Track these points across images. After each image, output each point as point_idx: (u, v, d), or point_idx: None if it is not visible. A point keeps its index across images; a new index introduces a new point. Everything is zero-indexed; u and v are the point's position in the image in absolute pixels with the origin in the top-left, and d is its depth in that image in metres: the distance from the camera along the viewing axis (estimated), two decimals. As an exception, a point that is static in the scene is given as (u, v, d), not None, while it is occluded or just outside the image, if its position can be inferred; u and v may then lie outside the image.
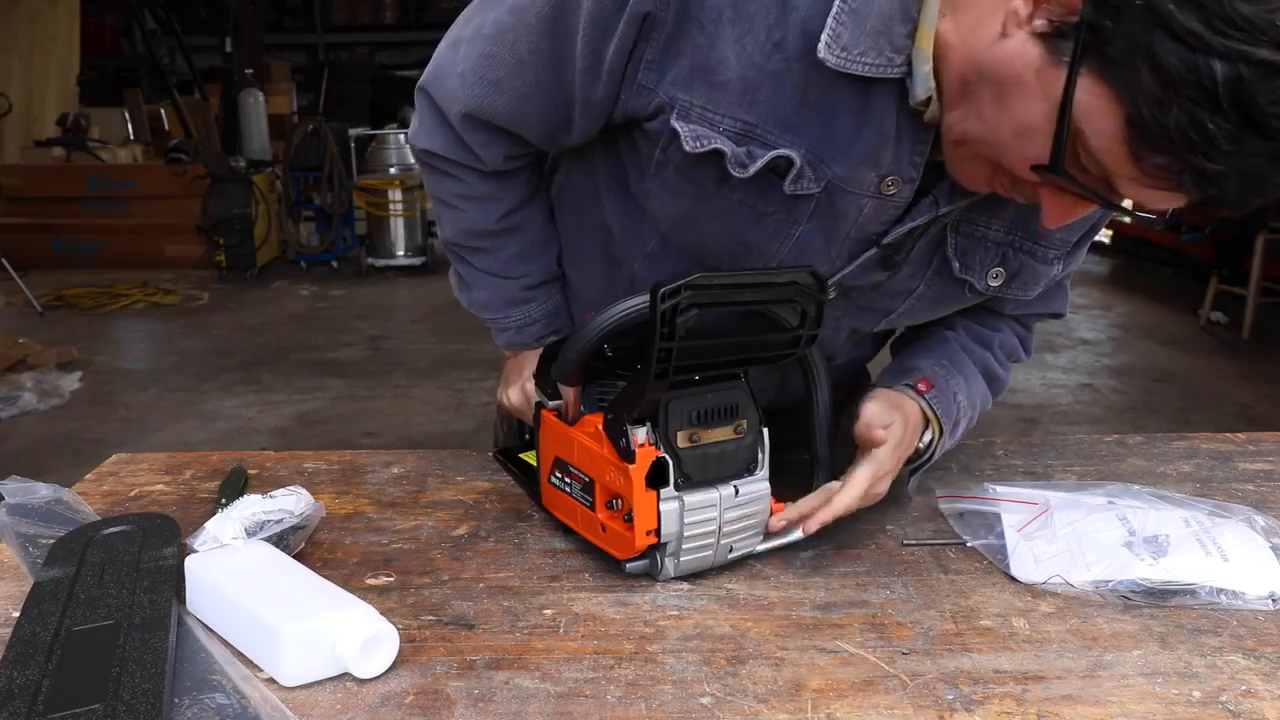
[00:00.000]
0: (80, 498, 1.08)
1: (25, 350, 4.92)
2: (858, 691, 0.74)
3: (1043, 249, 1.00)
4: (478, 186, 1.09)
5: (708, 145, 0.89)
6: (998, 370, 1.15)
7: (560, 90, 0.96)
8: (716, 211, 0.96)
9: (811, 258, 0.96)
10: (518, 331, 1.17)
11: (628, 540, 0.89)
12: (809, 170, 0.90)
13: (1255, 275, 5.31)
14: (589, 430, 0.93)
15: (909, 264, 0.99)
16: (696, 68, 0.88)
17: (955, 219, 0.96)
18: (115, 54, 12.32)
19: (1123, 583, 0.88)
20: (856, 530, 1.01)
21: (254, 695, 0.73)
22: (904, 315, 1.07)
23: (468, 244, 1.14)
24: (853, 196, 0.92)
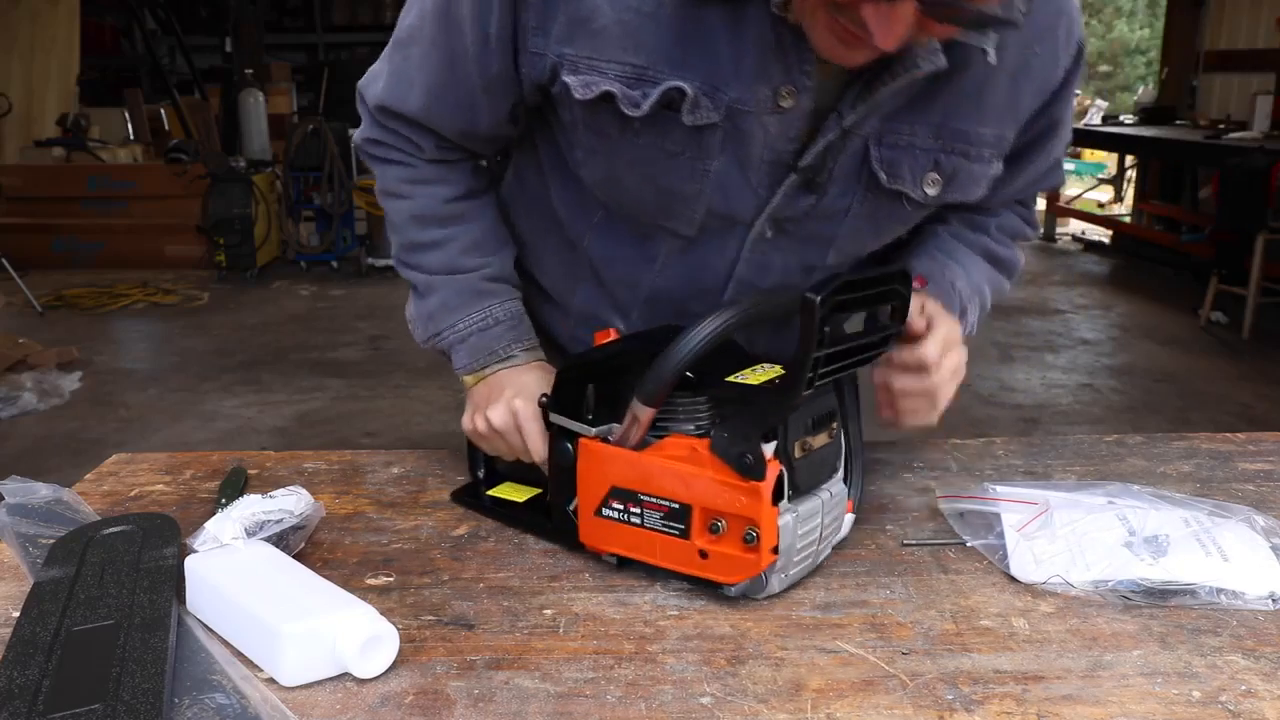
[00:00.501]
0: (80, 498, 1.08)
1: (25, 350, 4.92)
2: (858, 691, 0.74)
3: (975, 149, 1.00)
4: (423, 170, 1.11)
5: (597, 89, 0.93)
6: (1000, 251, 1.16)
7: (461, 80, 1.01)
8: (630, 160, 0.99)
9: (734, 193, 0.99)
10: (480, 336, 1.10)
11: (747, 562, 0.85)
12: (705, 100, 0.92)
13: (1255, 275, 5.31)
14: (679, 453, 0.87)
15: (836, 183, 1.00)
16: (573, 21, 0.92)
17: (878, 132, 0.97)
18: (115, 54, 12.30)
19: (1123, 583, 0.88)
20: (856, 530, 1.01)
21: (254, 695, 0.73)
22: (849, 240, 1.06)
23: (419, 238, 1.12)
24: (753, 116, 0.94)
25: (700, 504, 0.86)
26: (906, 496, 1.09)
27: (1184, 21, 8.13)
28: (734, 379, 0.89)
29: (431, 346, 1.14)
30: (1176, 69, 8.22)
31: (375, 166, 1.14)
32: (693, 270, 1.08)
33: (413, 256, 1.13)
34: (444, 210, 1.11)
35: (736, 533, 0.85)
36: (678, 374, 0.85)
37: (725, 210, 1.01)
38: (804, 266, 1.08)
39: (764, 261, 1.06)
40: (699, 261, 1.07)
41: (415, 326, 1.15)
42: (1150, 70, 14.81)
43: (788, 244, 1.05)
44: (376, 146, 1.12)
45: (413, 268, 1.13)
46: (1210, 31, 7.80)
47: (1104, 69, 17.90)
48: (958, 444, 1.24)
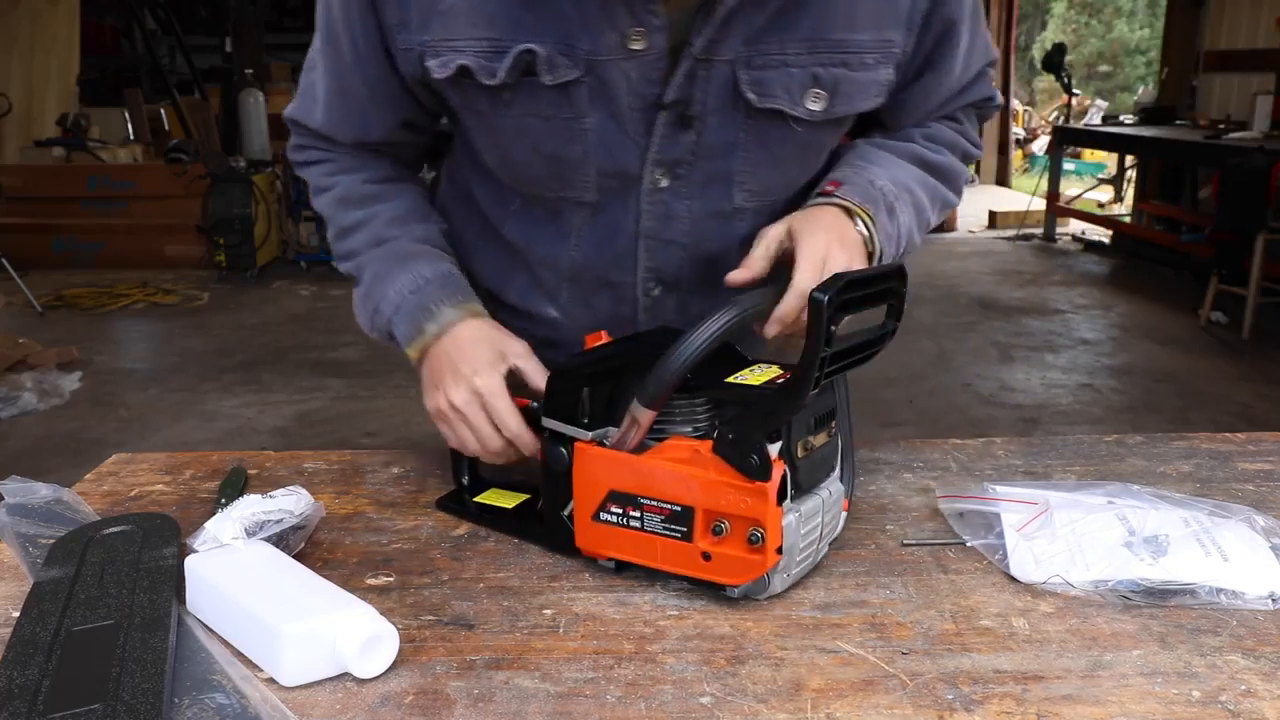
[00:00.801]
0: (80, 498, 1.08)
1: (25, 350, 4.92)
2: (857, 691, 0.74)
3: (855, 56, 0.99)
4: (342, 160, 1.14)
5: (452, 65, 0.96)
6: (930, 156, 1.14)
7: (349, 92, 1.07)
8: (511, 134, 1.01)
9: (616, 147, 1.00)
10: (413, 297, 1.06)
11: (752, 563, 0.84)
12: (560, 58, 0.94)
13: (1255, 275, 5.31)
14: (680, 455, 0.87)
15: (713, 115, 0.99)
16: (424, 8, 0.96)
17: (744, 55, 0.96)
18: (115, 54, 12.31)
19: (1122, 583, 0.88)
20: (856, 530, 1.01)
21: (254, 695, 0.73)
22: (750, 176, 1.05)
23: (345, 221, 1.13)
24: (611, 64, 0.95)
25: (703, 506, 0.86)
26: (906, 496, 1.09)
27: (1184, 21, 8.13)
28: (734, 380, 0.89)
29: (379, 331, 1.12)
30: (1176, 69, 8.22)
31: (303, 173, 1.18)
32: (604, 236, 1.08)
33: (343, 243, 1.14)
34: (365, 190, 1.14)
35: (740, 534, 0.85)
36: (680, 376, 0.85)
37: (613, 166, 1.02)
38: (712, 212, 1.07)
39: (666, 212, 1.06)
40: (608, 226, 1.07)
41: (360, 315, 1.14)
42: (1150, 70, 14.82)
43: (687, 190, 1.04)
44: (299, 152, 1.17)
45: (345, 256, 1.15)
46: (1210, 31, 7.80)
47: (1104, 69, 17.90)
48: (958, 444, 1.24)
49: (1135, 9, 18.04)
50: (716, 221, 1.08)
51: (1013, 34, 11.84)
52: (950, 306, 6.17)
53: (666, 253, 1.09)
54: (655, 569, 0.89)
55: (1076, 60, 16.59)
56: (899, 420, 4.22)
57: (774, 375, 0.89)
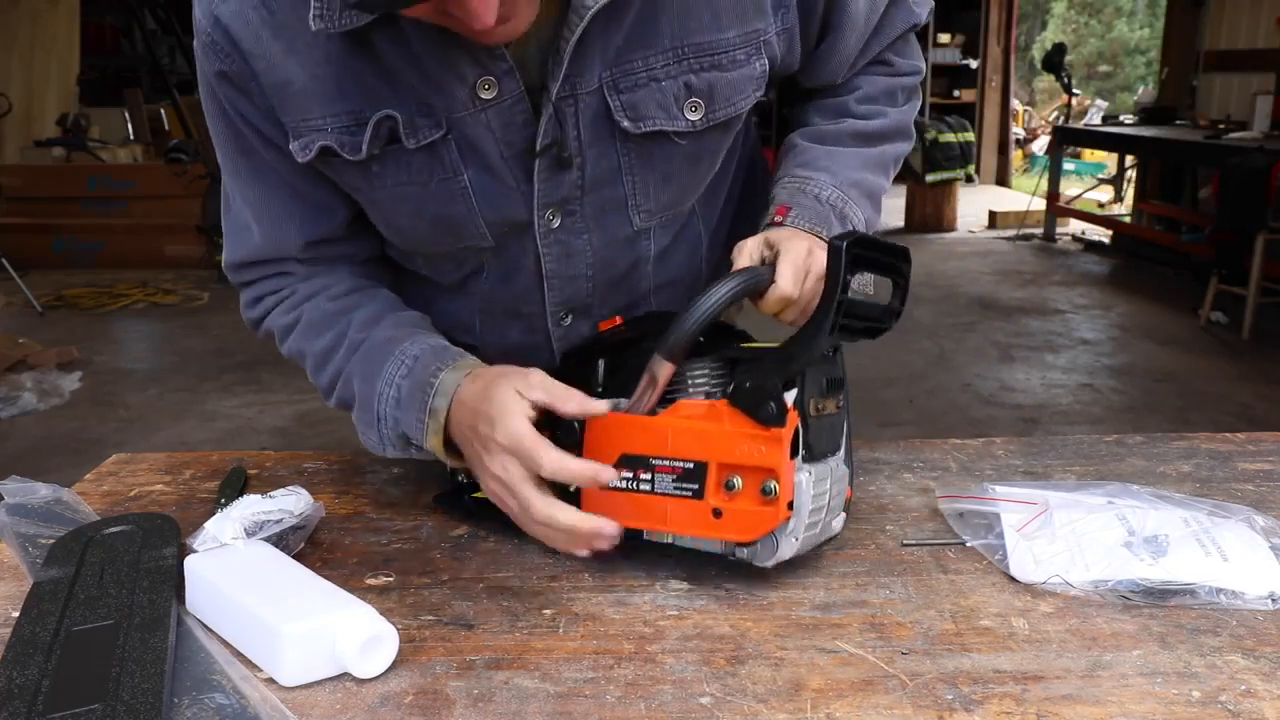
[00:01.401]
0: (80, 498, 1.08)
1: (25, 350, 4.92)
2: (857, 691, 0.74)
3: (725, 56, 0.95)
4: (299, 287, 1.05)
5: (314, 147, 0.94)
6: (869, 125, 1.10)
7: (276, 188, 1.01)
8: (390, 203, 0.99)
9: (499, 199, 0.97)
10: (408, 379, 0.95)
11: (764, 516, 0.84)
12: (420, 119, 0.92)
13: (1255, 275, 5.31)
14: (696, 412, 0.88)
15: (590, 148, 0.96)
16: (276, 91, 0.93)
17: (611, 79, 0.93)
18: (115, 54, 12.30)
19: (1122, 583, 0.88)
20: (856, 530, 1.01)
21: (254, 695, 0.73)
22: (644, 196, 1.02)
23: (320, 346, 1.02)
24: (470, 119, 0.92)
25: (717, 459, 0.85)
26: (906, 496, 1.09)
27: (1184, 21, 8.13)
28: (747, 345, 0.91)
29: (391, 443, 0.98)
30: (1176, 69, 8.22)
31: (265, 325, 1.08)
32: (508, 273, 1.06)
33: (324, 373, 1.03)
34: (330, 308, 1.04)
35: (753, 489, 0.85)
36: (700, 328, 0.86)
37: (499, 217, 0.99)
38: (612, 240, 1.04)
39: (565, 250, 1.03)
40: (511, 265, 1.05)
41: (370, 439, 1.00)
42: (1150, 70, 14.82)
43: (581, 225, 1.02)
44: (254, 307, 1.08)
45: (331, 386, 1.03)
46: (1210, 31, 7.80)
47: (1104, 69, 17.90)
48: (958, 444, 1.24)
49: (1135, 9, 18.04)
50: (619, 246, 1.06)
51: (1013, 34, 11.84)
52: (950, 306, 6.17)
53: (573, 286, 1.07)
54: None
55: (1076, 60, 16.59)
56: (899, 420, 4.21)
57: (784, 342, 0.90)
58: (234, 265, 1.08)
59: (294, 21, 0.89)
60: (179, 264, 7.42)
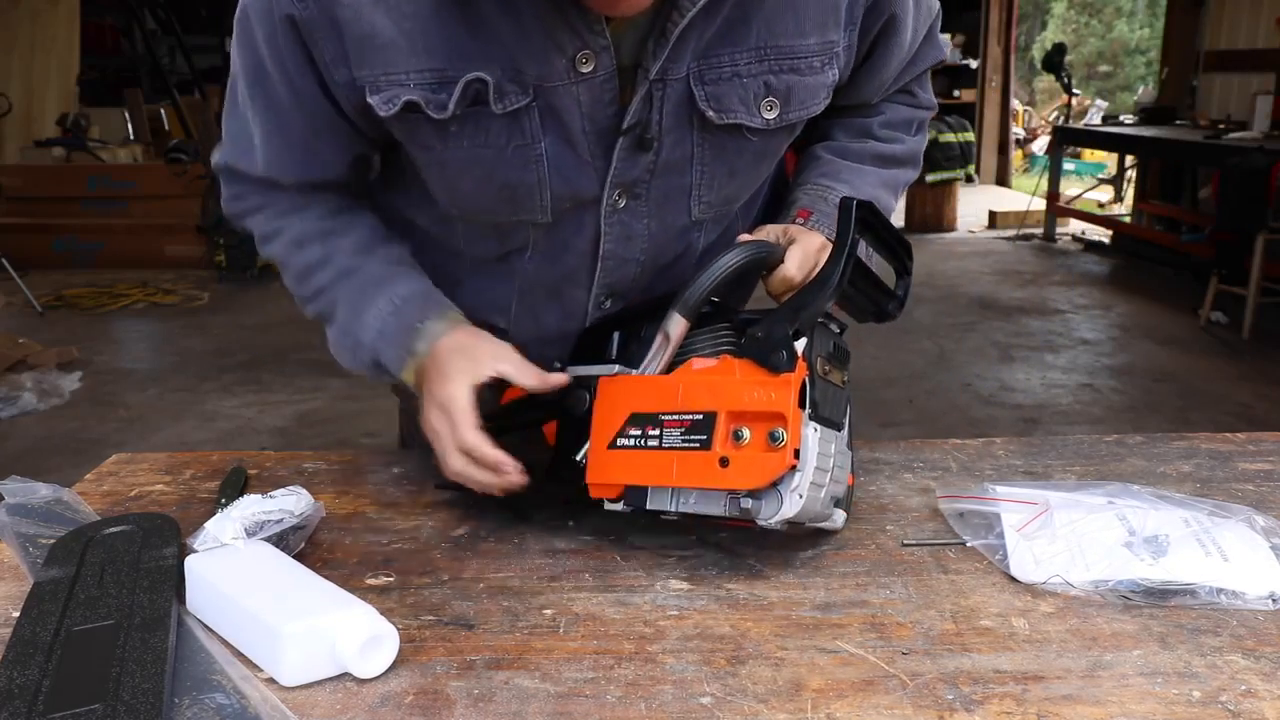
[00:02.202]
0: (80, 498, 1.08)
1: (25, 350, 4.92)
2: (858, 691, 0.74)
3: (804, 61, 0.99)
4: (286, 200, 1.08)
5: (398, 102, 0.93)
6: (889, 149, 1.17)
7: (291, 131, 1.01)
8: (461, 166, 0.99)
9: (572, 173, 0.99)
10: (394, 319, 1.02)
11: (770, 462, 0.84)
12: (509, 85, 0.92)
13: (1255, 275, 5.31)
14: (706, 366, 0.91)
15: (670, 134, 0.99)
16: (358, 43, 0.92)
17: (697, 70, 0.96)
18: (115, 54, 12.30)
19: (1123, 583, 0.88)
20: (856, 530, 1.01)
21: (254, 695, 0.73)
22: (706, 187, 1.05)
23: (305, 260, 1.07)
24: (562, 90, 0.93)
25: (726, 408, 0.87)
26: (906, 496, 1.09)
27: (1184, 21, 8.13)
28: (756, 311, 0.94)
29: (362, 364, 1.06)
30: (1176, 69, 8.22)
31: (247, 222, 1.12)
32: (558, 253, 1.07)
33: (306, 284, 1.08)
34: (320, 226, 1.08)
35: (760, 438, 0.86)
36: (715, 286, 0.90)
37: (568, 190, 1.00)
38: (669, 227, 1.07)
39: (625, 232, 1.05)
40: (563, 244, 1.06)
41: (339, 352, 1.09)
42: (1150, 70, 14.82)
43: (645, 208, 1.04)
44: (237, 202, 1.11)
45: (311, 297, 1.09)
46: (1210, 31, 7.79)
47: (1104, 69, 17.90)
48: (958, 444, 1.24)
49: (1135, 9, 18.04)
50: (674, 235, 1.08)
51: (1013, 34, 11.84)
52: (950, 306, 6.17)
53: (624, 269, 1.08)
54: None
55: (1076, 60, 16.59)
56: (899, 420, 4.21)
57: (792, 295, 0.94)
58: (225, 168, 1.09)
59: None
60: (179, 264, 7.42)
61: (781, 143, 1.07)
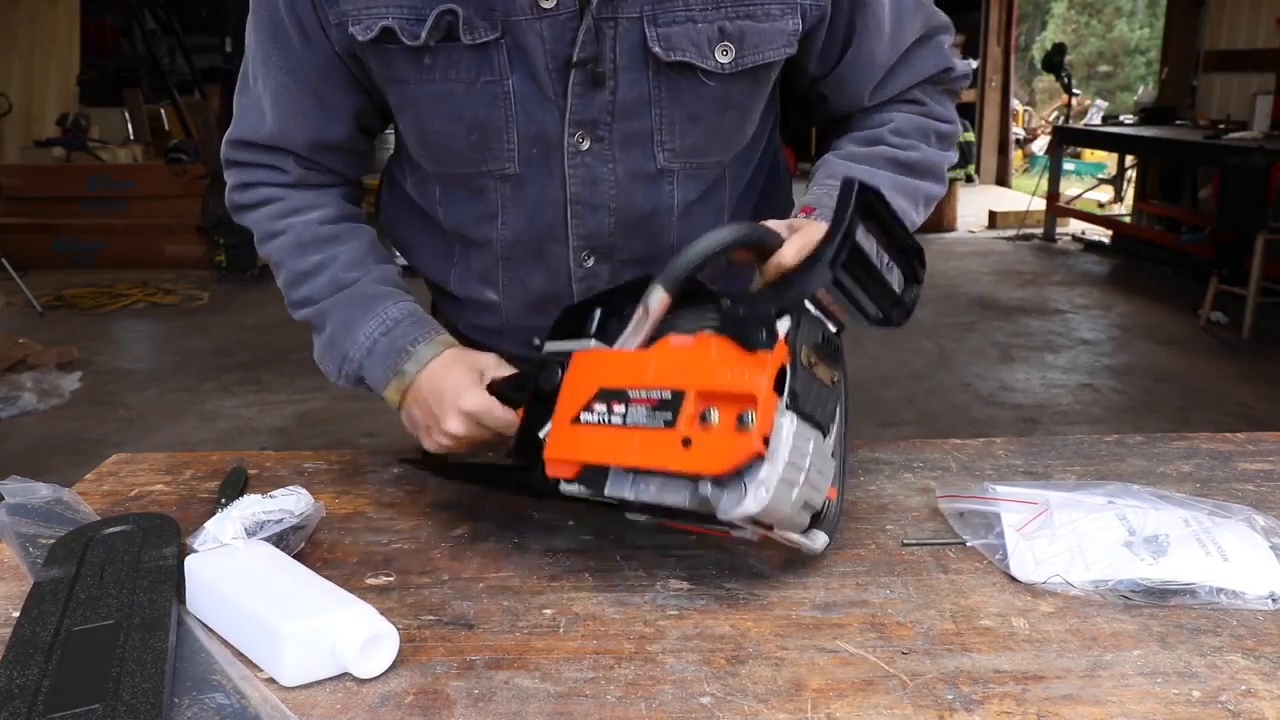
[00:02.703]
0: (80, 498, 1.08)
1: (25, 350, 4.92)
2: (858, 691, 0.74)
3: (760, 7, 1.01)
4: (292, 199, 1.13)
5: (376, 25, 0.99)
6: (902, 154, 1.13)
7: (302, 83, 1.07)
8: (433, 103, 1.03)
9: (535, 108, 1.02)
10: (384, 339, 1.08)
11: (735, 445, 0.76)
12: (478, 20, 0.98)
13: (1255, 275, 5.31)
14: (682, 344, 0.84)
15: (624, 73, 1.01)
16: None
17: (651, 12, 0.99)
18: (115, 54, 12.30)
19: (1123, 582, 0.88)
20: (856, 530, 1.01)
21: (254, 695, 0.73)
22: (669, 134, 1.06)
23: (300, 266, 1.12)
24: (525, 24, 0.98)
25: (695, 386, 0.80)
26: (906, 496, 1.09)
27: (1184, 21, 8.13)
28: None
29: (346, 378, 1.12)
30: (1176, 69, 8.22)
31: (249, 216, 1.15)
32: (532, 209, 1.09)
33: (299, 290, 1.13)
34: (321, 232, 1.12)
35: (729, 421, 0.78)
36: (702, 261, 0.85)
37: (533, 130, 1.03)
38: (636, 173, 1.07)
39: (591, 175, 1.06)
40: (535, 198, 1.08)
41: (325, 364, 1.13)
42: (1150, 70, 14.82)
43: (609, 152, 1.06)
44: (244, 192, 1.14)
45: (302, 304, 1.13)
46: (1210, 31, 7.79)
47: (1104, 69, 17.89)
48: (958, 444, 1.24)
49: (1135, 9, 18.03)
50: (643, 184, 1.08)
51: (1013, 34, 11.84)
52: (950, 306, 6.17)
53: (596, 218, 1.09)
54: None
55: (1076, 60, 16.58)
56: (899, 420, 4.21)
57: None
58: (236, 141, 1.13)
59: None
60: (179, 264, 7.42)
61: (745, 94, 1.07)
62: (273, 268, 1.15)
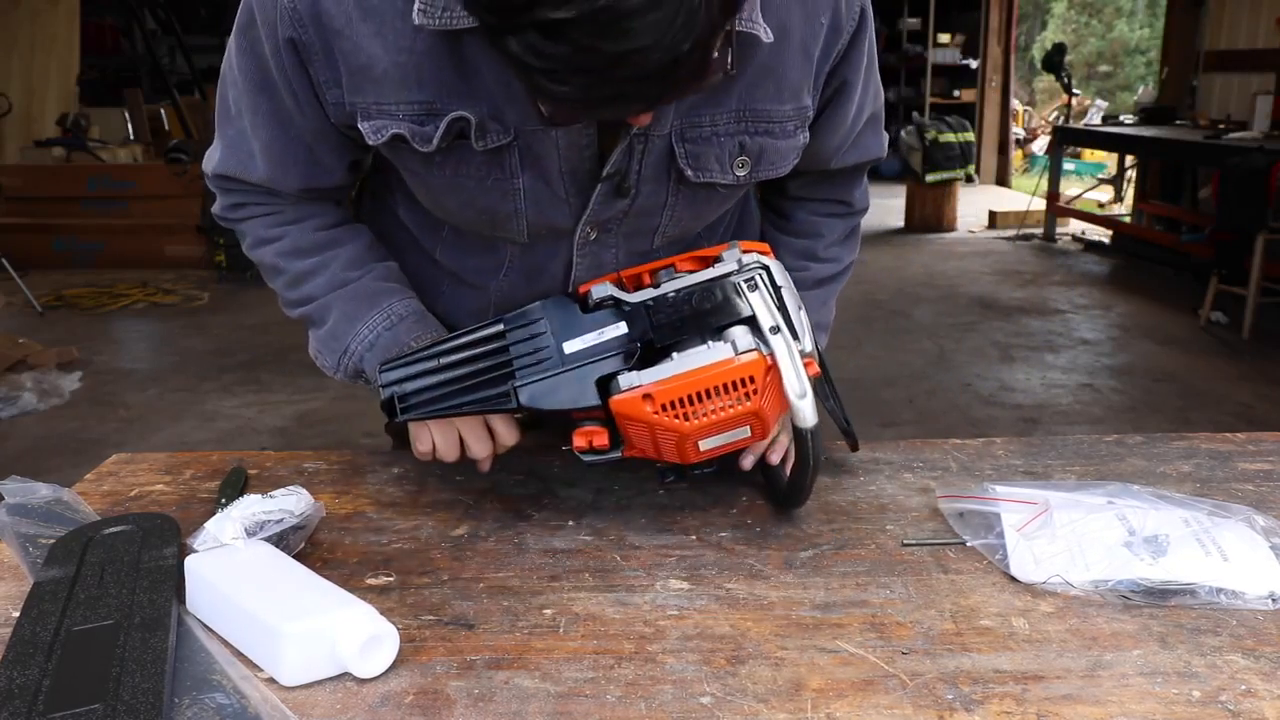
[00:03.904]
0: (80, 498, 1.08)
1: (25, 350, 4.92)
2: (858, 691, 0.74)
3: (778, 125, 1.04)
4: (288, 212, 1.11)
5: (386, 133, 0.97)
6: (828, 270, 1.24)
7: (295, 138, 1.04)
8: (443, 189, 1.03)
9: (548, 207, 1.03)
10: (388, 334, 1.08)
11: None
12: (492, 124, 0.96)
13: (1255, 275, 5.31)
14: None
15: (646, 183, 1.03)
16: (354, 71, 0.96)
17: (679, 128, 1.00)
18: (115, 54, 12.31)
19: (1122, 582, 0.88)
20: (856, 530, 1.01)
21: (254, 695, 0.73)
22: (673, 226, 1.10)
23: (298, 268, 1.11)
24: (541, 134, 0.97)
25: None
26: (906, 496, 1.09)
27: (1184, 21, 8.13)
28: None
29: (345, 371, 1.11)
30: (1176, 69, 8.22)
31: (241, 227, 1.14)
32: (532, 272, 1.13)
33: (296, 290, 1.12)
34: (318, 238, 1.12)
35: None
36: None
37: (544, 221, 1.05)
38: (634, 254, 1.12)
39: (596, 261, 1.11)
40: (538, 265, 1.12)
41: (323, 357, 1.13)
42: (1150, 70, 14.81)
43: (614, 240, 1.10)
44: (236, 210, 1.13)
45: (300, 302, 1.12)
46: (1210, 31, 7.79)
47: (1104, 69, 17.89)
48: (958, 444, 1.24)
49: (1135, 9, 18.03)
50: (636, 259, 1.12)
51: (1013, 34, 11.84)
52: (950, 306, 6.17)
53: None
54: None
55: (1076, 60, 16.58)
56: (899, 420, 4.21)
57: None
58: (222, 177, 1.10)
59: (384, 6, 0.92)
60: (179, 264, 7.41)
61: (744, 190, 1.12)
62: (264, 270, 1.14)
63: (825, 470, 1.13)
